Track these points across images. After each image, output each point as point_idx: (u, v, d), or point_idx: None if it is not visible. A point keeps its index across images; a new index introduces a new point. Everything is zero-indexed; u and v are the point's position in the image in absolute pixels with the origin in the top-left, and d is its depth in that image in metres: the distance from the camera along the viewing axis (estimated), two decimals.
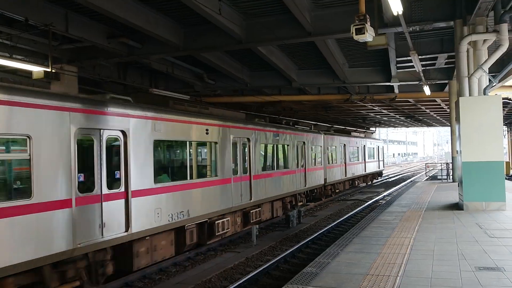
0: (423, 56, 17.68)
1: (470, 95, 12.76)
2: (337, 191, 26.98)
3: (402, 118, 45.62)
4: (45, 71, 14.19)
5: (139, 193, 9.51)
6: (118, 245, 9.09)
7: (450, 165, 25.41)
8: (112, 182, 8.94)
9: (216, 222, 12.49)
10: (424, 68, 19.32)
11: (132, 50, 16.52)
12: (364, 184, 35.09)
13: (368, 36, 8.05)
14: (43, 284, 7.67)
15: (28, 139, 7.24)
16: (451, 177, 25.56)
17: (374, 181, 38.42)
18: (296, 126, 22.23)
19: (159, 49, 16.26)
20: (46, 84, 15.49)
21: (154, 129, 10.10)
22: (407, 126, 65.58)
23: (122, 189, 9.15)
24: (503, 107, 13.43)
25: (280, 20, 14.42)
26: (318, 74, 22.07)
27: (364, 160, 33.37)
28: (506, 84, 22.81)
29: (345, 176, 28.09)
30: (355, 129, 38.30)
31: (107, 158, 8.78)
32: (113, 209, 8.85)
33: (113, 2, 12.26)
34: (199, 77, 21.95)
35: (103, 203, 8.62)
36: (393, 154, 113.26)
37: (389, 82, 21.65)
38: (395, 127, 65.76)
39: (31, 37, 14.42)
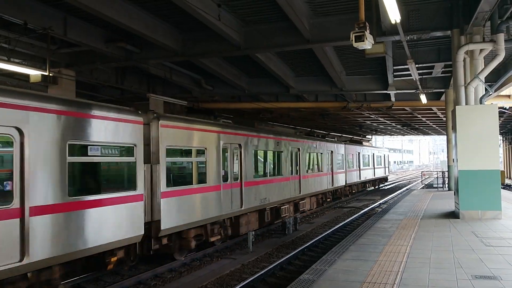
0: (420, 65, 17.82)
1: (466, 104, 12.83)
2: (353, 191, 31.66)
3: (398, 126, 45.79)
4: (42, 75, 14.22)
5: (247, 183, 14.61)
6: (232, 217, 13.93)
7: (446, 173, 25.48)
8: (234, 176, 13.95)
9: (281, 207, 17.33)
10: (421, 76, 19.44)
11: (130, 54, 16.54)
12: (373, 188, 39.41)
13: (368, 43, 8.09)
14: (205, 235, 12.44)
15: (205, 150, 12.27)
16: (446, 185, 25.62)
17: (381, 185, 42.89)
18: (326, 138, 26.98)
19: (157, 54, 16.29)
20: (44, 87, 15.53)
21: (253, 143, 15.19)
22: (403, 134, 65.81)
23: (239, 181, 14.11)
24: (499, 116, 13.51)
25: (279, 27, 14.49)
26: (315, 81, 22.15)
27: (374, 166, 38.00)
28: (502, 93, 23.04)
29: (360, 179, 32.62)
30: (360, 138, 42.20)
31: (232, 161, 13.83)
32: (236, 193, 13.86)
33: (112, 7, 12.29)
34: (197, 82, 21.99)
35: (232, 189, 13.63)
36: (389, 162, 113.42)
37: (386, 90, 21.75)
38: (391, 135, 65.98)
39: (30, 40, 14.43)
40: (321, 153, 23.35)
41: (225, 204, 13.08)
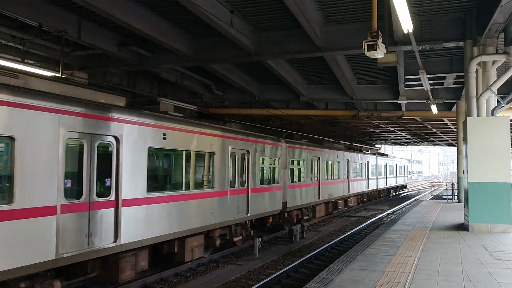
0: (432, 75, 17.72)
1: (478, 115, 12.74)
2: (381, 195, 39.13)
3: (408, 136, 45.49)
4: (55, 77, 14.36)
5: (323, 183, 21.66)
6: (314, 205, 20.88)
7: (456, 185, 25.24)
8: (313, 178, 20.52)
9: (338, 201, 24.72)
10: (433, 87, 19.33)
11: (142, 59, 16.66)
12: (394, 194, 46.14)
13: (380, 52, 8.07)
14: (300, 215, 18.92)
15: (303, 160, 19.33)
16: (456, 197, 25.37)
17: (401, 191, 51.20)
18: (364, 151, 33.21)
19: (169, 59, 16.39)
20: None
21: (324, 155, 22.02)
22: (413, 145, 65.36)
23: (317, 181, 20.98)
24: (510, 128, 13.39)
25: (290, 34, 14.52)
26: (326, 89, 22.13)
27: (396, 175, 45.40)
28: None
29: (386, 185, 39.91)
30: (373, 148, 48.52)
31: (313, 167, 20.74)
32: (316, 189, 20.77)
33: (125, 10, 12.41)
34: (208, 88, 22.07)
35: (314, 186, 20.48)
36: None
37: (397, 99, 21.66)
38: (401, 145, 65.57)
39: (44, 42, 14.60)
40: (361, 163, 30.58)
41: (311, 195, 20.11)
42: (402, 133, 42.02)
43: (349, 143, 33.75)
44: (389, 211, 26.59)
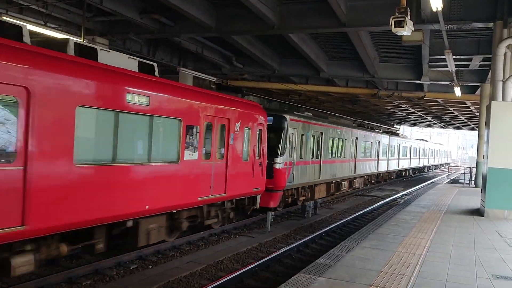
0: (458, 56, 17.25)
1: (503, 100, 12.41)
2: (423, 170, 52.13)
3: (428, 118, 44.82)
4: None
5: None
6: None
7: (474, 169, 24.90)
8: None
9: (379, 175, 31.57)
10: (457, 68, 18.85)
11: (163, 27, 16.56)
12: (437, 168, 64.93)
13: (407, 29, 7.84)
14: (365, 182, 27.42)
15: (372, 143, 27.33)
16: (473, 182, 25.07)
17: (444, 165, 72.01)
18: (422, 140, 49.93)
19: (191, 29, 16.26)
20: None
21: (392, 141, 32.91)
22: (433, 127, 64.47)
23: (374, 157, 27.93)
24: None
25: (315, 8, 14.23)
26: (347, 66, 21.79)
27: (439, 156, 63.88)
28: None
29: (428, 163, 53.19)
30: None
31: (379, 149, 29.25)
32: (375, 163, 28.37)
33: None
34: (228, 60, 21.90)
35: (374, 162, 28.04)
36: None
37: (419, 80, 21.23)
38: (420, 126, 64.72)
39: (66, 6, 14.59)
40: (422, 148, 45.83)
41: (373, 167, 27.53)
42: (423, 115, 41.40)
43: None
44: (403, 193, 26.44)
